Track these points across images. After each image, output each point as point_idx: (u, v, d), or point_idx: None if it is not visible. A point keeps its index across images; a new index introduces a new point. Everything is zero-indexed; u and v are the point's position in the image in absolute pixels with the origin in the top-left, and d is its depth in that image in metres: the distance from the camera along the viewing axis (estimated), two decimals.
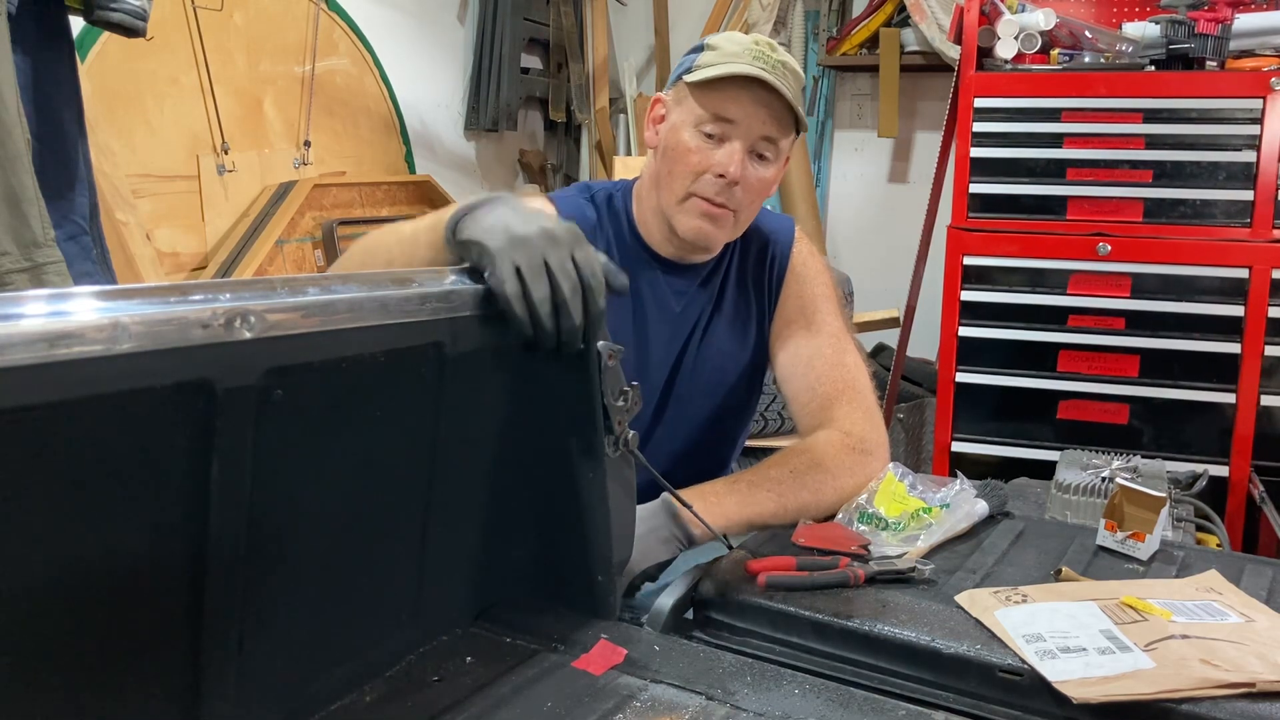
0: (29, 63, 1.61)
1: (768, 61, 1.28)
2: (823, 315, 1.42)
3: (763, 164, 1.33)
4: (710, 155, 1.30)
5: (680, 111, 1.34)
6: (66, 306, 0.59)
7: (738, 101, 1.29)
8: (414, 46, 3.56)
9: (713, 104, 1.29)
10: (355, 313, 0.77)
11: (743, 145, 1.30)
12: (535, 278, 0.90)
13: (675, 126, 1.33)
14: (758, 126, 1.30)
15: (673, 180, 1.33)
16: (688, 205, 1.33)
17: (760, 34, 3.87)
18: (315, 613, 0.84)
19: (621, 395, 1.03)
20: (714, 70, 1.28)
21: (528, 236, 0.92)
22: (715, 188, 1.31)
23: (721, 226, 1.34)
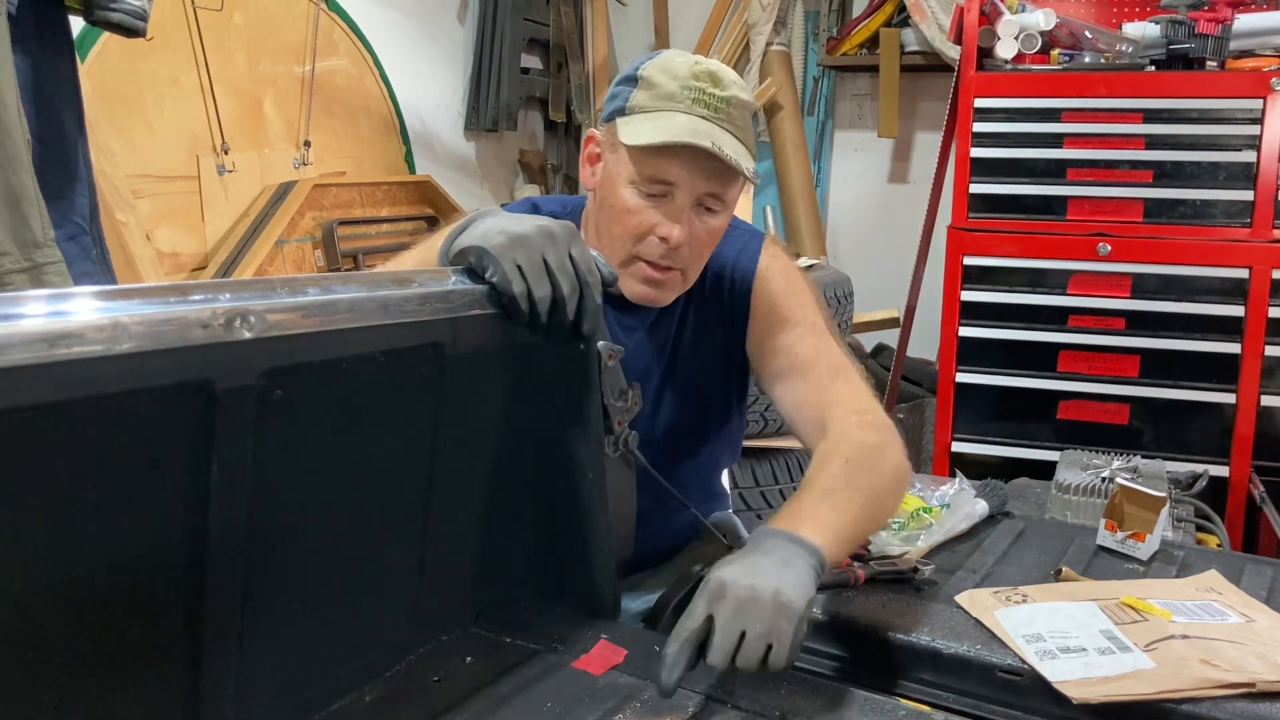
0: (29, 63, 1.61)
1: (710, 103, 1.15)
2: (798, 313, 1.29)
3: (710, 215, 1.20)
4: (651, 216, 1.17)
5: (615, 161, 1.20)
6: (66, 306, 0.59)
7: (676, 163, 1.15)
8: (414, 46, 3.56)
9: (648, 166, 1.16)
10: (355, 313, 0.77)
11: (687, 203, 1.17)
12: (537, 277, 0.91)
13: (612, 179, 1.20)
14: (701, 186, 1.16)
15: (614, 241, 1.21)
16: (632, 269, 1.21)
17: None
18: (315, 613, 0.84)
19: (621, 395, 1.03)
20: (649, 133, 1.14)
21: (526, 235, 0.92)
22: (660, 250, 1.18)
23: (668, 288, 1.23)
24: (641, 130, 1.15)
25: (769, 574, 0.89)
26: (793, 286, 1.31)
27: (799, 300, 1.30)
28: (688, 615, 0.88)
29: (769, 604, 0.86)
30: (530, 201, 1.37)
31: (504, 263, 0.90)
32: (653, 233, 1.18)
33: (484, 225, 0.96)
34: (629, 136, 1.15)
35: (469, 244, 0.93)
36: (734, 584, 0.87)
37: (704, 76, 1.16)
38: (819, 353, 1.25)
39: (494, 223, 0.95)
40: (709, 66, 1.17)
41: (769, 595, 0.86)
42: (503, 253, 0.90)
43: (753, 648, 0.85)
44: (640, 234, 1.18)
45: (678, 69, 1.16)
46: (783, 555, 0.92)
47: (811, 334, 1.27)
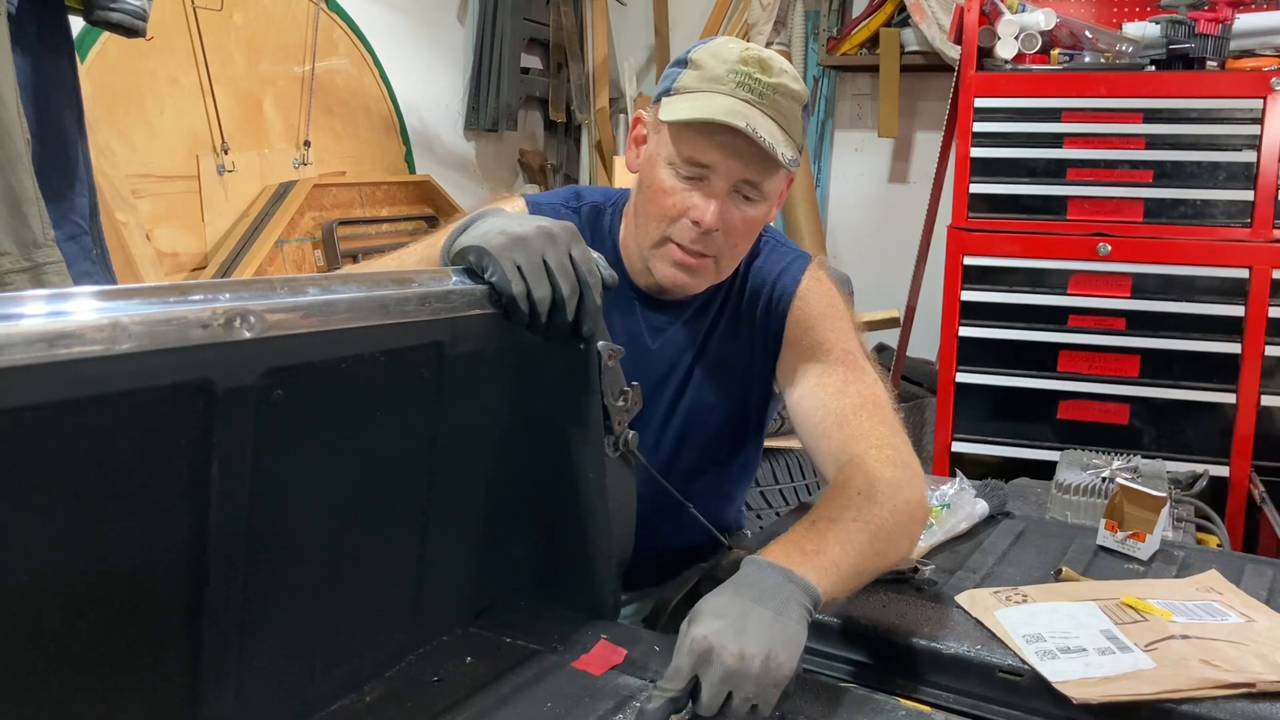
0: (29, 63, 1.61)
1: (754, 88, 1.13)
2: (832, 337, 1.25)
3: (748, 203, 1.18)
4: (687, 199, 1.16)
5: (657, 142, 1.19)
6: (66, 306, 0.59)
7: (713, 145, 1.14)
8: (414, 46, 3.56)
9: (686, 147, 1.15)
10: (355, 313, 0.77)
11: (722, 189, 1.16)
12: (537, 277, 0.90)
13: (651, 159, 1.20)
14: (737, 171, 1.15)
15: (648, 221, 1.20)
16: (664, 251, 1.20)
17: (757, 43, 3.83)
18: (315, 613, 0.84)
19: (621, 395, 1.03)
20: (686, 109, 1.14)
21: (525, 236, 0.92)
22: (692, 234, 1.17)
23: (699, 275, 1.22)
24: (680, 108, 1.14)
25: (758, 635, 0.83)
26: (831, 311, 1.28)
27: (835, 326, 1.26)
28: (672, 673, 0.83)
29: (757, 673, 0.82)
30: (574, 190, 1.36)
31: (503, 263, 0.90)
32: (686, 215, 1.16)
33: (484, 225, 0.95)
34: (667, 113, 1.15)
35: (469, 244, 0.93)
36: (721, 649, 0.82)
37: (753, 62, 1.14)
38: (847, 383, 1.20)
39: (494, 223, 0.95)
40: (760, 53, 1.15)
41: (759, 664, 0.82)
42: (502, 253, 0.90)
43: (739, 708, 0.82)
44: (674, 215, 1.17)
45: (727, 53, 1.15)
46: (776, 602, 0.87)
47: (843, 363, 1.23)
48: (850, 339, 1.26)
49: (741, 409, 1.33)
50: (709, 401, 1.30)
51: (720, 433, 1.33)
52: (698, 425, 1.31)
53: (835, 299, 1.30)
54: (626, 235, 1.29)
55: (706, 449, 1.33)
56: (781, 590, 0.88)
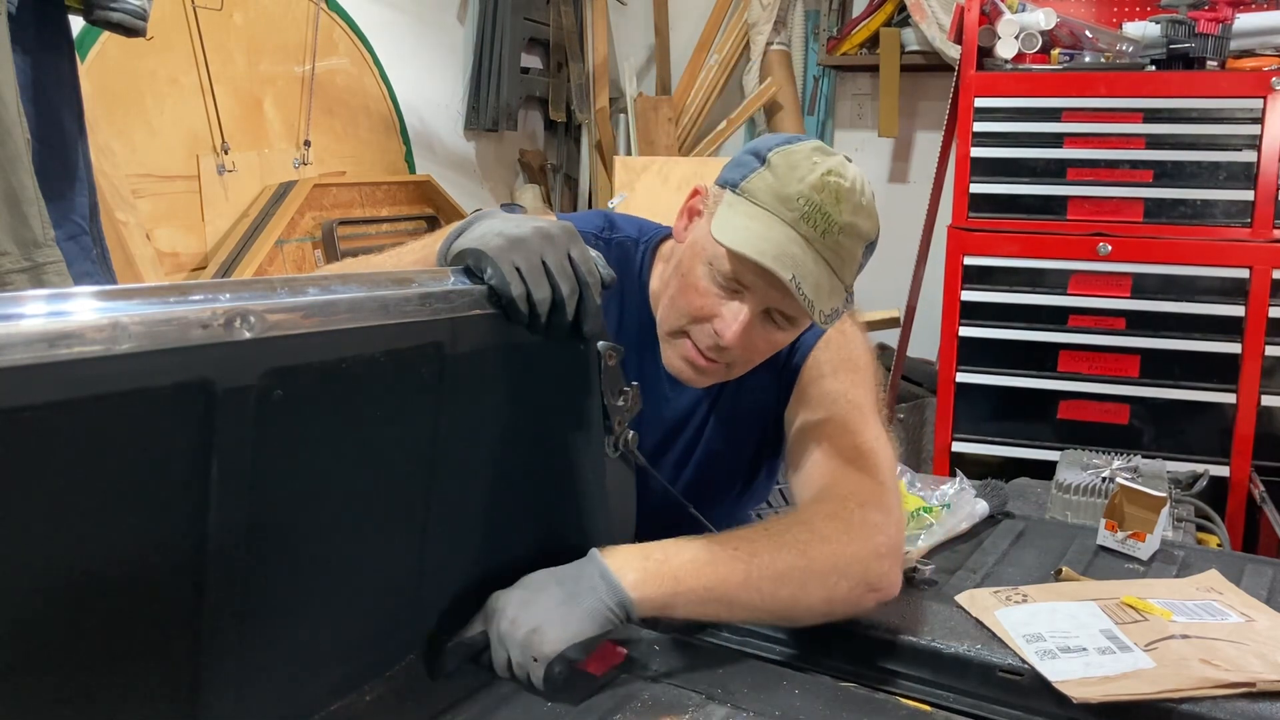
0: (29, 63, 1.61)
1: (819, 224, 1.05)
2: (839, 388, 1.19)
3: (776, 328, 1.13)
4: (716, 306, 1.10)
5: (705, 234, 1.11)
6: (66, 306, 0.59)
7: (756, 273, 1.06)
8: (414, 46, 3.56)
9: (729, 262, 1.08)
10: (355, 313, 0.77)
11: (754, 309, 1.09)
12: (536, 279, 0.90)
13: (695, 248, 1.13)
14: (775, 299, 1.09)
15: (672, 308, 1.15)
16: (679, 344, 1.15)
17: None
18: (315, 612, 0.84)
19: (621, 395, 1.03)
20: (740, 235, 1.06)
21: (524, 237, 0.92)
22: (710, 341, 1.12)
23: (709, 376, 1.17)
24: (735, 226, 1.07)
25: (539, 609, 0.91)
26: (846, 364, 1.23)
27: (848, 378, 1.21)
28: (469, 624, 0.94)
29: (520, 641, 0.89)
30: (607, 217, 1.30)
31: (502, 265, 0.90)
32: (710, 323, 1.11)
33: (482, 227, 0.95)
34: (719, 227, 1.08)
35: (467, 246, 0.93)
36: (501, 611, 0.92)
37: (829, 191, 1.06)
38: (844, 434, 1.14)
39: (492, 224, 0.95)
40: (839, 183, 1.06)
41: (524, 632, 0.89)
42: (500, 255, 0.90)
43: (517, 671, 0.90)
44: (698, 318, 1.12)
45: (806, 171, 1.06)
46: (574, 589, 0.92)
47: (846, 414, 1.17)
48: (860, 391, 1.20)
49: (755, 457, 1.32)
50: (722, 450, 1.28)
51: (733, 478, 1.33)
52: (710, 472, 1.29)
53: (855, 351, 1.25)
54: (659, 283, 1.24)
55: (719, 493, 1.31)
56: (588, 581, 0.93)
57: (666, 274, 1.21)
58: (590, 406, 1.02)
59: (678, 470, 1.30)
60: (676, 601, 0.94)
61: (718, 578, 0.95)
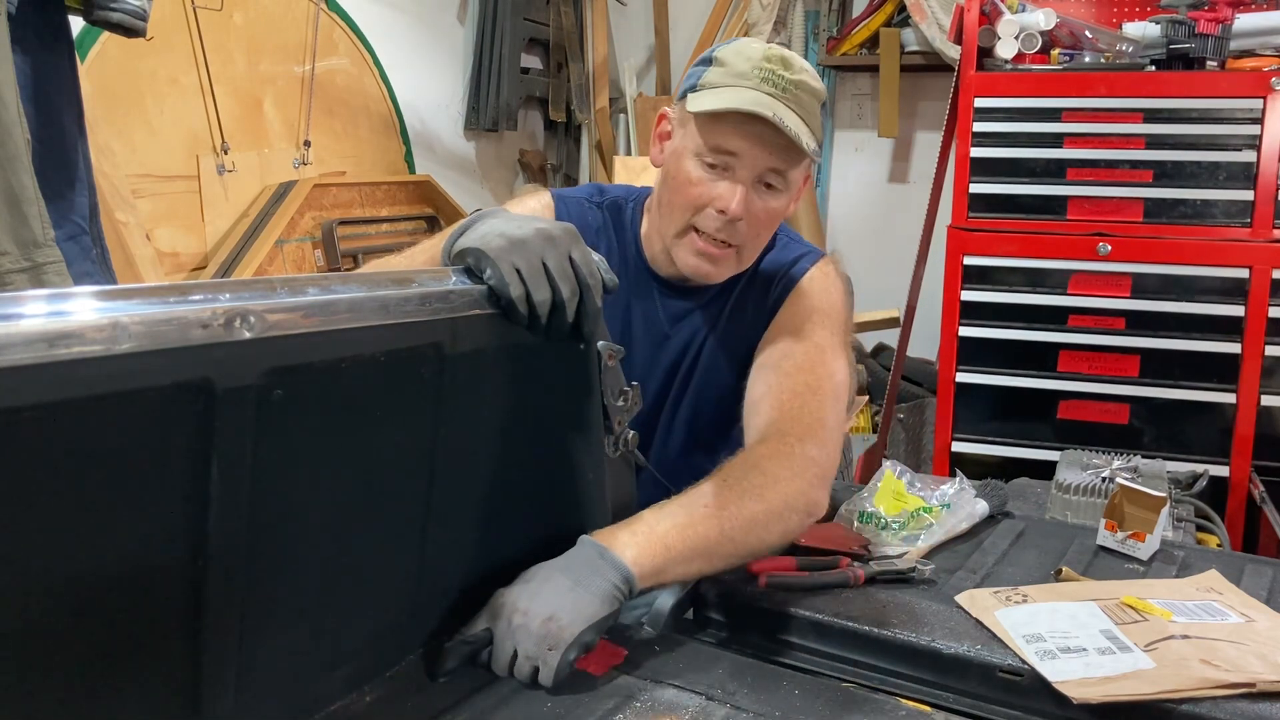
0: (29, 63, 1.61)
1: (778, 83, 1.17)
2: (811, 328, 1.26)
3: (771, 193, 1.23)
4: (712, 188, 1.21)
5: (683, 135, 1.24)
6: (66, 306, 0.59)
7: (739, 134, 1.18)
8: (414, 46, 3.56)
9: (713, 136, 1.19)
10: (355, 313, 0.77)
11: (748, 178, 1.20)
12: (536, 280, 0.91)
13: (678, 152, 1.24)
14: (763, 159, 1.19)
15: (673, 211, 1.25)
16: (687, 240, 1.25)
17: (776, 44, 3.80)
18: (315, 612, 0.84)
19: (621, 395, 1.03)
20: (713, 101, 1.18)
21: (525, 239, 0.92)
22: (716, 223, 1.21)
23: (722, 264, 1.26)
24: (708, 100, 1.18)
25: (550, 597, 0.91)
26: (824, 306, 1.30)
27: (822, 320, 1.28)
28: (471, 622, 0.94)
29: (536, 631, 0.89)
30: (598, 186, 1.40)
31: (502, 266, 0.90)
32: (711, 205, 1.20)
33: (484, 227, 0.96)
34: (695, 105, 1.19)
35: (468, 246, 0.93)
36: (511, 605, 0.92)
37: (776, 59, 1.19)
38: (806, 367, 1.21)
39: (493, 225, 0.95)
40: (782, 52, 1.20)
41: (539, 622, 0.89)
42: (501, 256, 0.90)
43: (522, 667, 0.90)
44: (699, 205, 1.21)
45: (751, 52, 1.20)
46: (580, 573, 0.93)
47: (814, 350, 1.24)
48: (830, 333, 1.27)
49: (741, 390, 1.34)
50: (717, 381, 1.34)
51: (730, 411, 1.33)
52: (707, 404, 1.35)
53: (834, 297, 1.32)
54: (649, 227, 1.34)
55: (717, 428, 1.36)
56: (589, 564, 0.94)
57: (653, 204, 1.31)
58: (590, 406, 1.02)
59: (677, 402, 1.35)
60: (669, 567, 0.99)
61: (699, 536, 1.01)
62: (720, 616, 1.10)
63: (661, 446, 1.36)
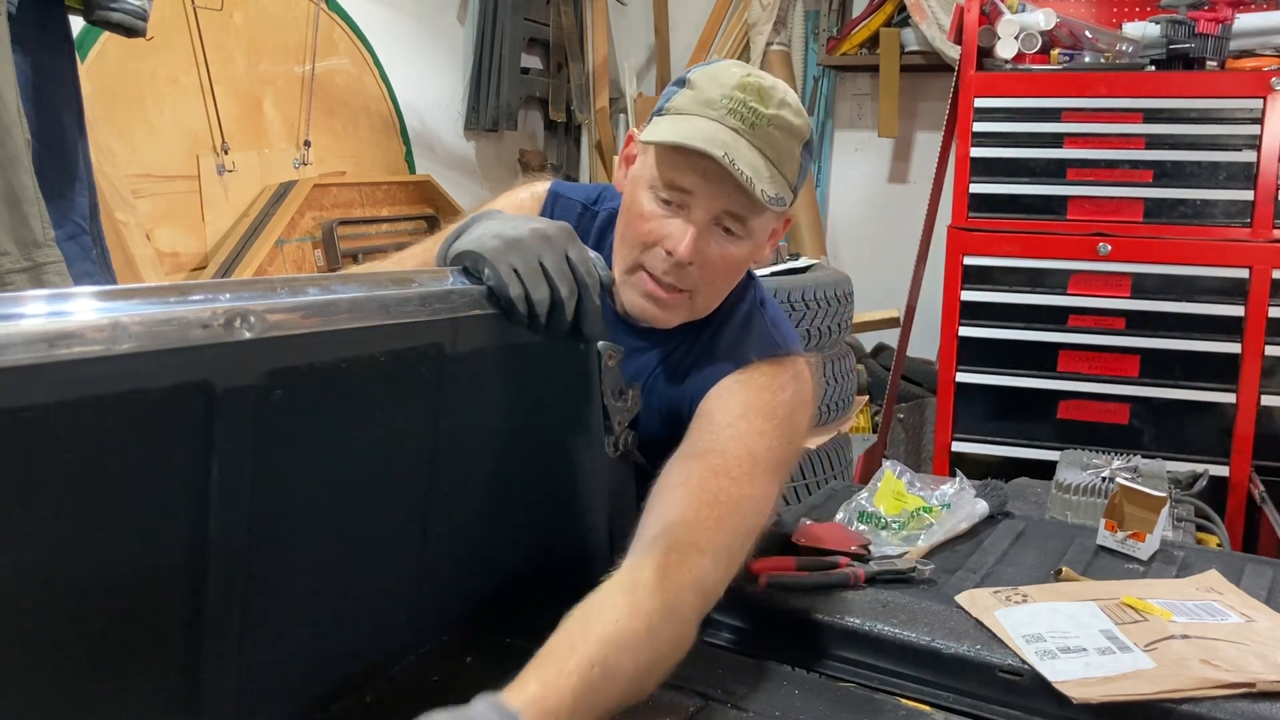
0: (29, 63, 1.61)
1: (747, 117, 1.04)
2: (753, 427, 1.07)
3: (729, 239, 1.08)
4: (663, 225, 1.07)
5: (642, 163, 1.11)
6: (66, 306, 0.59)
7: (694, 171, 1.04)
8: (414, 46, 3.56)
9: (667, 170, 1.06)
10: (355, 313, 0.77)
11: (702, 219, 1.06)
12: (534, 280, 0.91)
13: (635, 181, 1.11)
14: (719, 201, 1.05)
15: (623, 245, 1.12)
16: (635, 279, 1.11)
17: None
18: (315, 613, 0.84)
19: (621, 395, 1.03)
20: (667, 132, 1.05)
21: (521, 239, 0.92)
22: (664, 265, 1.07)
23: (670, 310, 1.11)
24: (662, 130, 1.06)
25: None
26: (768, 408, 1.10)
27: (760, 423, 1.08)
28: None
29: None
30: (600, 191, 1.26)
31: (500, 267, 0.90)
32: (660, 244, 1.07)
33: (479, 230, 0.96)
34: (649, 134, 1.07)
35: (464, 248, 0.93)
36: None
37: (751, 89, 1.05)
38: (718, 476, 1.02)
39: (489, 226, 0.95)
40: (761, 81, 1.06)
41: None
42: (498, 257, 0.90)
43: None
44: (648, 242, 1.08)
45: (727, 78, 1.06)
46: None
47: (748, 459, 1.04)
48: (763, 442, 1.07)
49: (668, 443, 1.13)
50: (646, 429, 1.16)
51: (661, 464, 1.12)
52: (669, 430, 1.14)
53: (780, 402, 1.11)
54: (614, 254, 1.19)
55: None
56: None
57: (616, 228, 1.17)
58: (590, 406, 1.02)
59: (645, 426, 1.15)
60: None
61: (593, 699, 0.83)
62: (720, 616, 1.10)
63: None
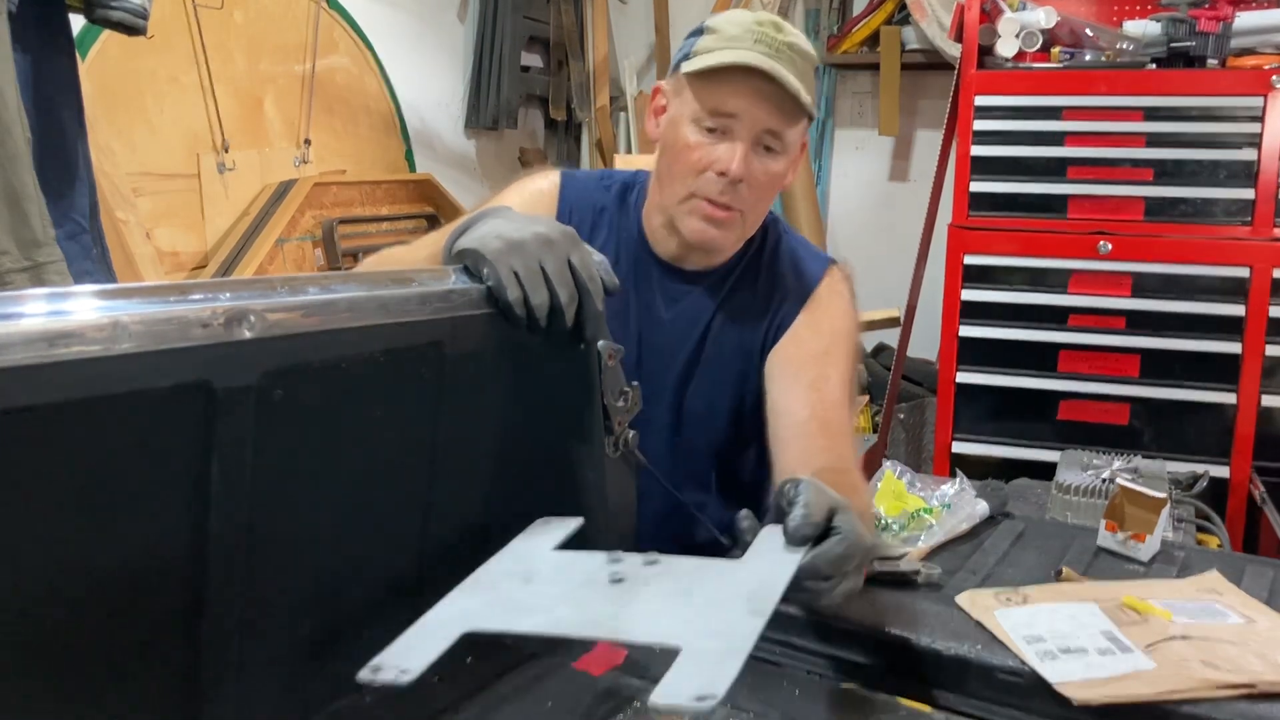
0: (29, 62, 1.61)
1: (771, 44, 1.18)
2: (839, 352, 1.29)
3: (770, 156, 1.22)
4: (711, 151, 1.20)
5: (679, 103, 1.24)
6: (66, 306, 0.59)
7: (737, 94, 1.18)
8: (414, 45, 3.56)
9: (710, 98, 1.20)
10: (355, 312, 0.77)
11: (746, 139, 1.20)
12: (534, 284, 0.90)
13: (674, 120, 1.24)
14: (761, 119, 1.19)
15: (673, 179, 1.24)
16: (689, 205, 1.24)
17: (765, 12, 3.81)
18: (315, 612, 0.84)
19: (621, 395, 1.03)
20: (709, 60, 1.19)
21: (523, 241, 0.91)
22: (718, 187, 1.21)
23: (726, 229, 1.25)
24: (703, 61, 1.19)
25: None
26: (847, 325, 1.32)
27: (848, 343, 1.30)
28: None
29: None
30: (606, 171, 1.42)
31: (500, 268, 0.89)
32: (711, 168, 1.20)
33: (484, 228, 0.95)
34: (692, 65, 1.20)
35: (466, 247, 0.93)
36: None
37: (767, 24, 1.20)
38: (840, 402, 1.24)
39: (493, 225, 0.95)
40: (773, 17, 1.22)
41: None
42: (499, 258, 0.90)
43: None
44: (699, 169, 1.21)
45: (742, 18, 1.21)
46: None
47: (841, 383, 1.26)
48: (849, 365, 1.29)
49: (741, 383, 1.34)
50: (717, 369, 1.33)
51: (735, 407, 1.34)
52: (702, 402, 1.33)
53: (851, 319, 1.34)
54: (649, 204, 1.33)
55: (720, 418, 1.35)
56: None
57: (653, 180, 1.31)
58: (590, 407, 1.02)
59: (679, 390, 1.33)
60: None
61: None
62: None
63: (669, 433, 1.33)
